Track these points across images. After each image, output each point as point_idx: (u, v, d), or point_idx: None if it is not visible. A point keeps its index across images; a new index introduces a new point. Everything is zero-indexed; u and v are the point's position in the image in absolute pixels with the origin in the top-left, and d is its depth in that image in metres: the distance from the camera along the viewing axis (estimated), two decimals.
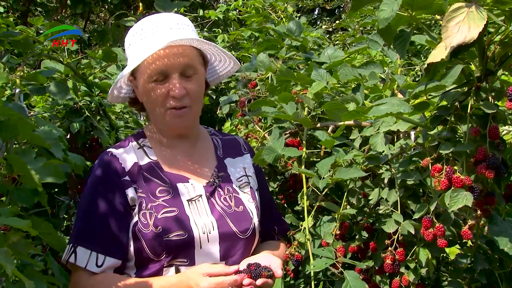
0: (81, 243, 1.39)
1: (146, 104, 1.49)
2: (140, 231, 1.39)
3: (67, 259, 1.39)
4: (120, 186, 1.42)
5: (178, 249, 1.39)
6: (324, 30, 6.10)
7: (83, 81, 2.25)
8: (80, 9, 6.20)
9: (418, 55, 5.66)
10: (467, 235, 1.36)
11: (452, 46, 1.15)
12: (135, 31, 1.46)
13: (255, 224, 1.52)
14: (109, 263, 1.39)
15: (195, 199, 1.46)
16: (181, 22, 1.45)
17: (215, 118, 4.89)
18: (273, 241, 1.68)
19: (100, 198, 1.41)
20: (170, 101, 1.43)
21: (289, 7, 3.86)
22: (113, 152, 1.48)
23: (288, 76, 1.96)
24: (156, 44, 1.38)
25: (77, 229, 1.42)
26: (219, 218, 1.46)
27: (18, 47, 1.88)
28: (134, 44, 1.45)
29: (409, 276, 1.55)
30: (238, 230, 1.47)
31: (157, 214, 1.40)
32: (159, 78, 1.41)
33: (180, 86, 1.41)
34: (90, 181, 1.45)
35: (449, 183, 1.31)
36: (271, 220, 1.67)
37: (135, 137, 1.55)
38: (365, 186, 1.73)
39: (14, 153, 1.21)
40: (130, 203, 1.42)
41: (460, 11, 1.16)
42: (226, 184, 1.54)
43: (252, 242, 1.53)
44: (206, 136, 1.64)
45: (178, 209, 1.42)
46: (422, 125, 1.52)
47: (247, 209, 1.52)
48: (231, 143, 1.67)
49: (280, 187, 2.23)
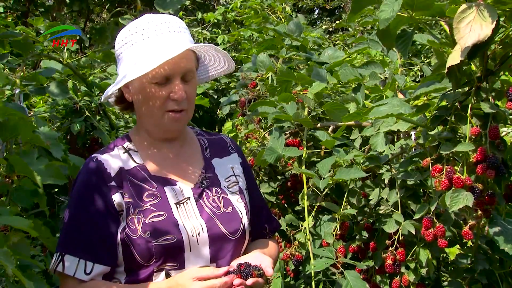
0: (69, 251, 1.37)
1: (139, 104, 1.47)
2: (129, 236, 1.38)
3: (55, 268, 1.37)
4: (106, 192, 1.40)
5: (167, 253, 1.38)
6: (324, 30, 6.10)
7: (83, 81, 2.25)
8: (76, 6, 6.15)
9: (418, 55, 5.66)
10: (467, 235, 1.36)
11: (467, 46, 1.15)
12: (135, 30, 1.43)
13: (245, 224, 1.51)
14: (98, 270, 1.37)
15: (183, 202, 1.45)
16: (181, 25, 1.46)
17: (215, 118, 4.90)
18: (263, 239, 1.67)
19: (86, 205, 1.39)
20: (170, 103, 1.42)
21: (288, 7, 3.86)
22: (98, 158, 1.46)
23: (288, 76, 1.96)
24: (165, 47, 1.37)
25: (64, 237, 1.40)
26: (208, 220, 1.45)
27: (18, 48, 1.88)
28: (135, 43, 1.43)
29: (409, 276, 1.55)
30: (228, 231, 1.46)
31: (145, 219, 1.39)
32: (162, 81, 1.41)
33: (182, 90, 1.41)
34: (76, 188, 1.43)
35: (450, 183, 1.31)
36: (261, 218, 1.65)
37: (121, 141, 1.54)
38: (366, 186, 1.73)
39: (15, 154, 1.21)
40: (117, 208, 1.40)
41: (469, 11, 1.16)
42: (214, 185, 1.53)
43: (242, 243, 1.52)
44: (192, 137, 1.63)
45: (166, 213, 1.41)
46: (422, 125, 1.51)
47: (236, 210, 1.51)
48: (218, 142, 1.66)
49: (281, 187, 2.23)
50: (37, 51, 2.03)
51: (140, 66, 1.38)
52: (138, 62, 1.40)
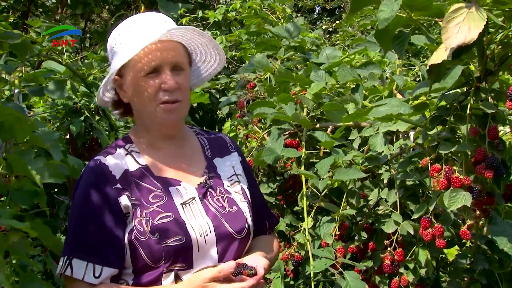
0: (77, 254, 1.36)
1: (134, 101, 1.47)
2: (137, 238, 1.38)
3: (63, 272, 1.36)
4: (112, 194, 1.39)
5: (176, 254, 1.38)
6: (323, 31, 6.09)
7: (82, 81, 2.24)
8: (80, 10, 6.19)
9: (417, 55, 5.66)
10: (466, 235, 1.36)
11: (452, 48, 1.15)
12: (122, 29, 1.45)
13: (249, 223, 1.52)
14: (107, 273, 1.36)
15: (189, 202, 1.45)
16: (168, 20, 1.46)
17: (215, 118, 4.89)
18: (265, 236, 1.68)
19: (92, 208, 1.38)
20: (162, 94, 1.42)
21: (287, 8, 3.86)
22: (101, 160, 1.45)
23: (287, 77, 1.96)
24: (147, 38, 1.38)
25: (71, 240, 1.39)
26: (214, 220, 1.45)
27: (16, 50, 1.87)
28: (122, 42, 1.44)
29: (408, 276, 1.55)
30: (234, 231, 1.47)
31: (153, 220, 1.38)
32: (151, 72, 1.41)
33: (172, 79, 1.41)
34: (80, 191, 1.42)
35: (448, 183, 1.31)
36: (262, 215, 1.66)
37: (122, 143, 1.53)
38: (365, 186, 1.73)
39: (14, 154, 1.20)
40: (124, 210, 1.40)
41: (460, 12, 1.16)
42: (218, 184, 1.53)
43: (247, 242, 1.52)
44: (192, 136, 1.63)
45: (173, 214, 1.41)
46: (421, 125, 1.51)
47: (241, 209, 1.52)
48: (217, 142, 1.65)
49: (280, 188, 2.23)
50: (36, 51, 2.03)
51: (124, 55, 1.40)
52: (123, 54, 1.42)
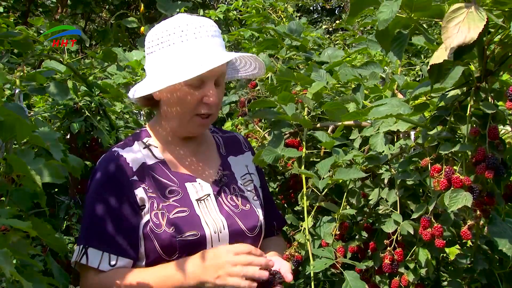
0: (92, 244, 1.38)
1: (168, 104, 1.46)
2: (153, 231, 1.39)
3: (79, 260, 1.38)
4: (129, 186, 1.41)
5: (190, 248, 1.40)
6: (324, 30, 6.09)
7: (83, 81, 2.24)
8: (80, 10, 6.21)
9: (418, 55, 5.65)
10: (466, 235, 1.36)
11: (452, 47, 1.15)
12: (172, 30, 1.40)
13: (261, 222, 1.54)
14: (121, 263, 1.38)
15: (204, 198, 1.47)
16: (216, 29, 1.45)
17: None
18: (274, 237, 1.70)
19: (108, 198, 1.40)
20: (202, 107, 1.43)
21: (289, 7, 3.86)
22: (120, 152, 1.47)
23: (288, 76, 1.96)
24: (207, 53, 1.37)
25: (86, 230, 1.41)
26: (228, 217, 1.48)
27: (18, 48, 1.88)
28: (173, 44, 1.40)
29: (408, 276, 1.55)
30: (246, 228, 1.50)
31: (169, 214, 1.40)
32: (196, 84, 1.40)
33: (215, 95, 1.41)
34: (97, 180, 1.43)
35: (449, 183, 1.31)
36: (271, 216, 1.69)
37: (139, 136, 1.54)
38: (365, 186, 1.73)
39: (13, 154, 1.20)
40: (139, 203, 1.41)
41: (459, 12, 1.16)
42: (232, 183, 1.56)
43: (259, 240, 1.55)
44: (207, 133, 1.65)
45: (189, 209, 1.43)
46: (421, 125, 1.51)
47: (253, 208, 1.55)
48: (232, 140, 1.68)
49: (280, 188, 2.23)
50: (37, 51, 2.03)
51: (182, 71, 1.36)
52: (179, 66, 1.38)
